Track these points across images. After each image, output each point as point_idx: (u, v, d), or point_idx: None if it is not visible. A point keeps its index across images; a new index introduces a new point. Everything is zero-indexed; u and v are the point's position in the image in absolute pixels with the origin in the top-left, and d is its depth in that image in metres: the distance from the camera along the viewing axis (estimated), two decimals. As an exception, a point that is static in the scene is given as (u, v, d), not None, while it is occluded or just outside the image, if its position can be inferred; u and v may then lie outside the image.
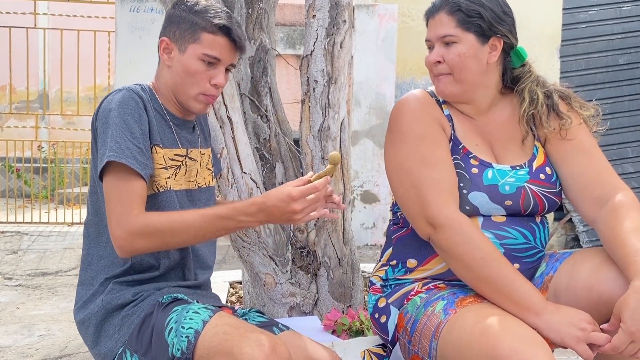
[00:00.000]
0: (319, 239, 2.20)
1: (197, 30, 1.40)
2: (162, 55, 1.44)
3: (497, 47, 1.47)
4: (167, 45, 1.43)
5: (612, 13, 5.49)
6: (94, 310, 1.39)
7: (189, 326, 1.26)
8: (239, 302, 2.62)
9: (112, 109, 1.35)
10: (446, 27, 1.46)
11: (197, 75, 1.41)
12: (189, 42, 1.40)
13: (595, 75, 5.44)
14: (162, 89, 1.46)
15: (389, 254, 1.58)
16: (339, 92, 2.16)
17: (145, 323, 1.33)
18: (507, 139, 1.52)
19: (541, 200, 1.46)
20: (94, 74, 5.95)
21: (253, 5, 2.36)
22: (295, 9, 5.22)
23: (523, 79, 1.52)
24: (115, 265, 1.41)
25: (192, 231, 1.31)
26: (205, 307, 1.32)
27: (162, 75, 1.46)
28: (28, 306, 3.44)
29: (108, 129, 1.33)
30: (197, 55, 1.40)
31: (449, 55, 1.46)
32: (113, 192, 1.31)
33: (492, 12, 1.46)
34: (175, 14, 1.43)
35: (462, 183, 1.43)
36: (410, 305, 1.45)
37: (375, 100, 5.34)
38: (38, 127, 6.54)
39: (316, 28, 2.11)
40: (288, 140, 2.40)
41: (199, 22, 1.40)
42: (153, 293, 1.39)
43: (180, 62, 1.41)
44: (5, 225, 5.53)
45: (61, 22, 6.68)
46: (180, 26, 1.41)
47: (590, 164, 1.47)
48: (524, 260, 1.45)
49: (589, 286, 1.31)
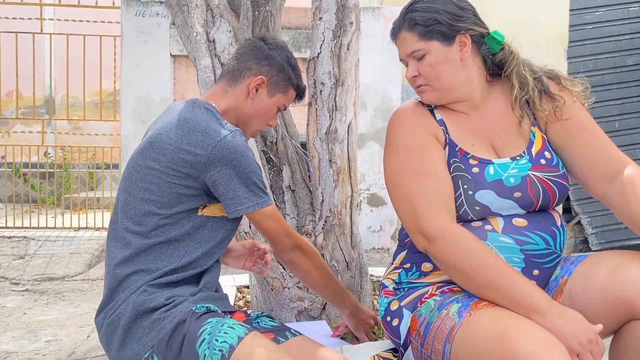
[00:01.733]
0: (326, 242, 2.18)
1: (288, 85, 1.59)
2: (251, 90, 1.55)
3: (465, 43, 1.48)
4: (263, 83, 1.55)
5: (619, 14, 5.46)
6: (123, 310, 1.38)
7: (223, 340, 1.27)
8: (246, 306, 2.60)
9: (238, 152, 1.44)
10: (410, 43, 1.49)
11: (267, 117, 1.60)
12: (279, 91, 1.58)
13: (603, 76, 5.41)
14: (231, 113, 1.56)
15: (402, 257, 1.56)
16: (346, 94, 2.14)
17: (177, 330, 1.32)
18: (504, 128, 1.51)
19: (549, 185, 1.44)
20: (100, 79, 5.96)
21: (259, 8, 2.35)
22: (301, 12, 5.22)
23: (508, 62, 1.51)
24: (151, 270, 1.41)
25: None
26: (241, 324, 1.33)
27: (238, 100, 1.55)
28: (35, 311, 3.44)
29: (249, 175, 1.45)
30: (279, 104, 1.59)
31: (422, 67, 1.49)
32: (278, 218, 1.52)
33: (448, 14, 1.47)
34: (277, 61, 1.57)
35: (465, 185, 1.42)
36: (424, 308, 1.44)
37: (382, 103, 5.33)
38: (45, 132, 6.55)
39: (323, 30, 2.09)
40: (295, 143, 2.39)
41: (293, 78, 1.59)
42: (187, 299, 1.38)
43: (263, 102, 1.56)
44: (12, 230, 5.54)
45: (67, 27, 6.70)
46: (279, 75, 1.57)
47: (595, 141, 1.47)
48: (543, 267, 1.43)
49: (606, 288, 1.29)
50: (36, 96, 6.40)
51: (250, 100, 1.55)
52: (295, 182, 2.39)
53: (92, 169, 7.08)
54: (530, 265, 1.41)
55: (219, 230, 1.48)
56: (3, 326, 3.15)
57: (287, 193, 2.39)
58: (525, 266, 1.41)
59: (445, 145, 1.48)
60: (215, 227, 1.47)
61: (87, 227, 5.77)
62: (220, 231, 1.48)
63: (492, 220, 1.43)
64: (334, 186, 2.15)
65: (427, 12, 1.47)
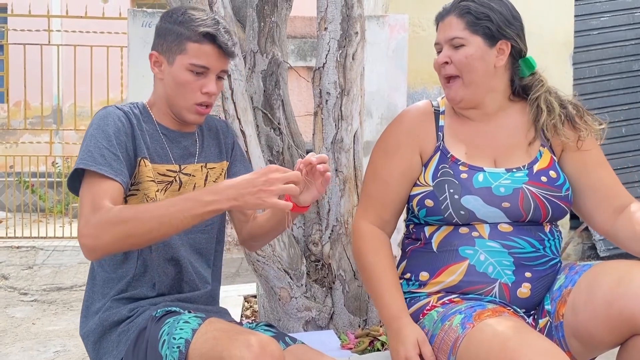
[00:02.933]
0: (333, 251, 2.19)
1: (182, 41, 1.39)
2: (153, 69, 1.44)
3: (504, 51, 1.49)
4: (157, 58, 1.43)
5: (624, 19, 5.45)
6: (92, 327, 1.40)
7: (179, 336, 1.25)
8: (253, 316, 2.61)
9: (92, 123, 1.37)
10: (455, 29, 1.48)
11: (188, 86, 1.40)
12: (176, 53, 1.40)
13: (608, 82, 5.39)
14: (158, 102, 1.47)
15: (403, 267, 1.57)
16: (352, 103, 2.15)
17: (140, 338, 1.32)
18: (510, 144, 1.52)
19: (542, 203, 1.44)
20: (107, 88, 6.00)
21: (265, 19, 2.37)
22: (306, 21, 5.24)
23: (536, 88, 1.53)
24: (114, 282, 1.42)
25: (157, 217, 1.24)
26: (196, 316, 1.31)
27: (156, 89, 1.47)
28: (43, 322, 3.45)
29: (85, 141, 1.35)
30: (185, 66, 1.39)
31: (457, 56, 1.48)
32: (84, 195, 1.29)
33: (501, 15, 1.48)
34: (162, 27, 1.43)
35: (452, 189, 1.44)
36: (427, 320, 1.44)
37: (387, 111, 5.33)
38: (52, 143, 6.60)
39: (328, 40, 2.10)
40: (301, 153, 2.39)
41: (183, 32, 1.39)
42: (148, 308, 1.38)
43: (170, 74, 1.41)
44: (20, 240, 5.57)
45: (74, 38, 6.76)
46: (167, 38, 1.41)
47: (609, 176, 1.52)
48: (535, 269, 1.44)
49: (609, 301, 1.26)
50: (44, 106, 6.44)
51: (160, 81, 1.44)
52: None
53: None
54: (520, 267, 1.43)
55: None
56: (12, 337, 3.16)
57: (294, 202, 2.39)
58: (515, 269, 1.43)
59: (436, 152, 1.51)
60: None
61: (95, 237, 5.80)
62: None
63: (479, 227, 1.45)
64: (341, 195, 2.16)
65: (482, 5, 1.48)
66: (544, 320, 1.43)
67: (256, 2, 2.35)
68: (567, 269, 1.47)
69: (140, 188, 1.39)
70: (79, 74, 5.89)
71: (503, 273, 1.43)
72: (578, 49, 5.42)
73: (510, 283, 1.42)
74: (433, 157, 1.51)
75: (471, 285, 1.43)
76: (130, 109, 1.43)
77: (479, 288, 1.43)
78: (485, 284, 1.43)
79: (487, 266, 1.43)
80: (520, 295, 1.43)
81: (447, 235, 1.47)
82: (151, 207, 1.29)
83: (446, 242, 1.47)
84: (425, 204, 1.48)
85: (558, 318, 1.38)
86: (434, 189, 1.47)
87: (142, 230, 1.25)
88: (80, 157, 1.31)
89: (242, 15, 2.47)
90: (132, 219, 1.25)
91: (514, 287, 1.42)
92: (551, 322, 1.40)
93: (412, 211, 1.54)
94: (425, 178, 1.50)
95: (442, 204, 1.45)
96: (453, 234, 1.46)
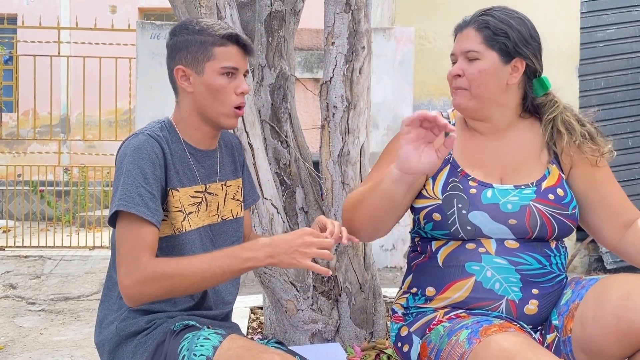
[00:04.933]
0: (339, 264, 2.20)
1: (207, 47, 1.40)
2: (181, 85, 1.43)
3: (519, 69, 1.49)
4: (184, 72, 1.42)
5: (631, 31, 5.46)
6: (108, 336, 1.40)
7: (200, 353, 1.26)
8: (260, 328, 2.61)
9: (127, 155, 1.35)
10: (472, 42, 1.49)
11: (223, 90, 1.41)
12: (204, 61, 1.40)
13: (615, 94, 5.40)
14: (185, 119, 1.45)
15: (409, 281, 1.58)
16: (359, 117, 2.17)
17: (158, 351, 1.33)
18: (519, 161, 1.52)
19: (549, 220, 1.45)
20: (115, 99, 6.06)
21: (273, 34, 2.40)
22: (313, 34, 5.28)
23: (551, 109, 1.53)
24: None
25: (200, 273, 1.29)
26: (216, 332, 1.32)
27: (184, 104, 1.45)
28: (51, 332, 3.47)
29: (121, 176, 1.34)
30: (217, 70, 1.41)
31: (470, 70, 1.48)
32: (124, 240, 1.31)
33: (519, 33, 1.48)
34: (180, 40, 1.43)
35: (460, 204, 1.45)
36: (434, 335, 1.44)
37: (393, 122, 5.35)
38: (61, 153, 6.64)
39: (335, 55, 2.13)
40: (308, 165, 2.41)
41: (206, 39, 1.40)
42: (166, 321, 1.39)
43: (202, 83, 1.41)
44: (28, 249, 5.60)
45: (84, 49, 6.83)
46: (190, 49, 1.41)
47: (618, 192, 1.54)
48: (542, 285, 1.45)
49: (618, 315, 1.28)
50: (52, 115, 6.50)
51: (191, 94, 1.43)
52: (308, 204, 2.41)
53: (106, 187, 7.14)
54: (527, 284, 1.43)
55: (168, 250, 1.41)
56: (20, 347, 3.18)
57: (301, 215, 2.41)
58: (522, 285, 1.43)
59: (445, 164, 1.51)
60: (162, 247, 1.40)
61: (102, 246, 5.82)
62: (172, 250, 1.41)
63: (485, 242, 1.45)
64: (347, 208, 2.17)
65: (501, 22, 1.48)
66: (552, 335, 1.43)
67: (265, 17, 2.38)
68: (573, 283, 1.48)
69: (169, 216, 1.41)
70: (87, 84, 5.95)
71: (510, 290, 1.43)
72: (584, 61, 5.44)
73: (517, 300, 1.43)
74: (443, 170, 1.51)
75: (478, 301, 1.44)
76: (159, 133, 1.41)
77: (486, 304, 1.44)
78: (492, 301, 1.43)
79: (493, 283, 1.43)
80: (528, 312, 1.44)
81: (453, 251, 1.48)
82: (193, 262, 1.31)
83: (452, 257, 1.47)
84: (432, 217, 1.48)
85: (566, 333, 1.38)
86: (443, 202, 1.47)
87: (185, 285, 1.31)
88: (119, 197, 1.31)
89: (250, 29, 2.50)
90: (176, 275, 1.29)
91: (521, 304, 1.43)
92: (559, 337, 1.41)
93: (418, 223, 1.54)
94: (434, 190, 1.49)
95: (449, 219, 1.45)
96: (459, 250, 1.47)
